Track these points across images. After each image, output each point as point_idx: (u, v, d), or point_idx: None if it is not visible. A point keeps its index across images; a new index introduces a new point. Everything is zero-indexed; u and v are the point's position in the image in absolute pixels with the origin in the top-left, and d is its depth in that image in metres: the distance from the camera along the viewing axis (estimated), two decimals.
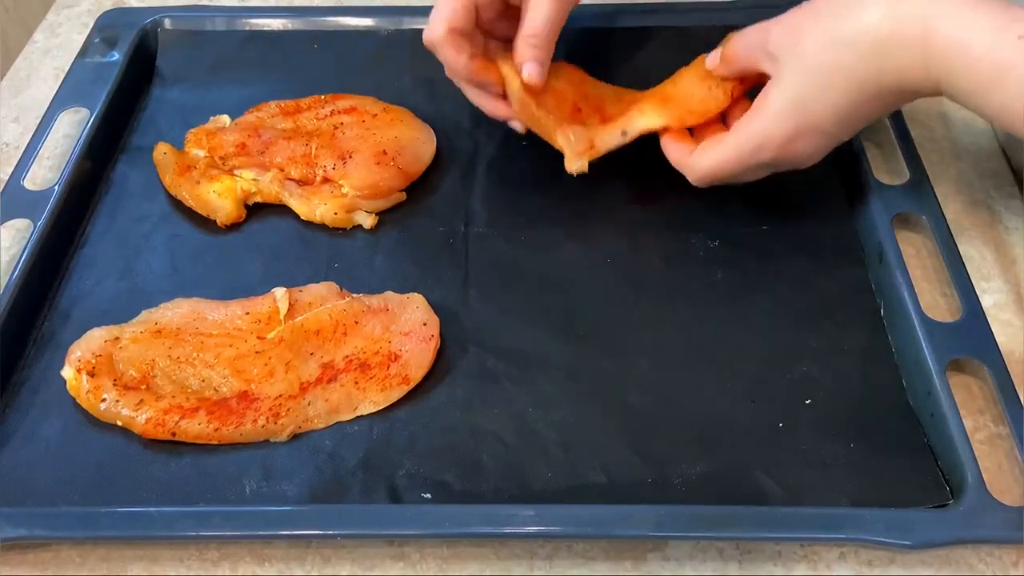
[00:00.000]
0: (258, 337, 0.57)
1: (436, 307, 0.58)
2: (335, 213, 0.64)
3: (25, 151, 0.66)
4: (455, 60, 0.60)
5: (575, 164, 0.62)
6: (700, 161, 0.59)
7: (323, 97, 0.70)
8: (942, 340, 0.54)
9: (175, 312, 0.58)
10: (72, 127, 0.71)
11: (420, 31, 0.76)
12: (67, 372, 0.55)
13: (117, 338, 0.56)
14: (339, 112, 0.69)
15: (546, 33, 0.60)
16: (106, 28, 0.75)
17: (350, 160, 0.65)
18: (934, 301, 0.59)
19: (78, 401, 0.54)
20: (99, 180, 0.68)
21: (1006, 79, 0.48)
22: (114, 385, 0.54)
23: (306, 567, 0.49)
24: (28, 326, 0.59)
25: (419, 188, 0.66)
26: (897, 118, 0.67)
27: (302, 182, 0.65)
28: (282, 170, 0.65)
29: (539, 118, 0.62)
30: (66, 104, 0.70)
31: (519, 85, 0.61)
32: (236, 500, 0.50)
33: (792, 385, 0.54)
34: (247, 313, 0.58)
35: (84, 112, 0.69)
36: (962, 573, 0.48)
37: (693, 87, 0.62)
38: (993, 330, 0.54)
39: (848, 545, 0.49)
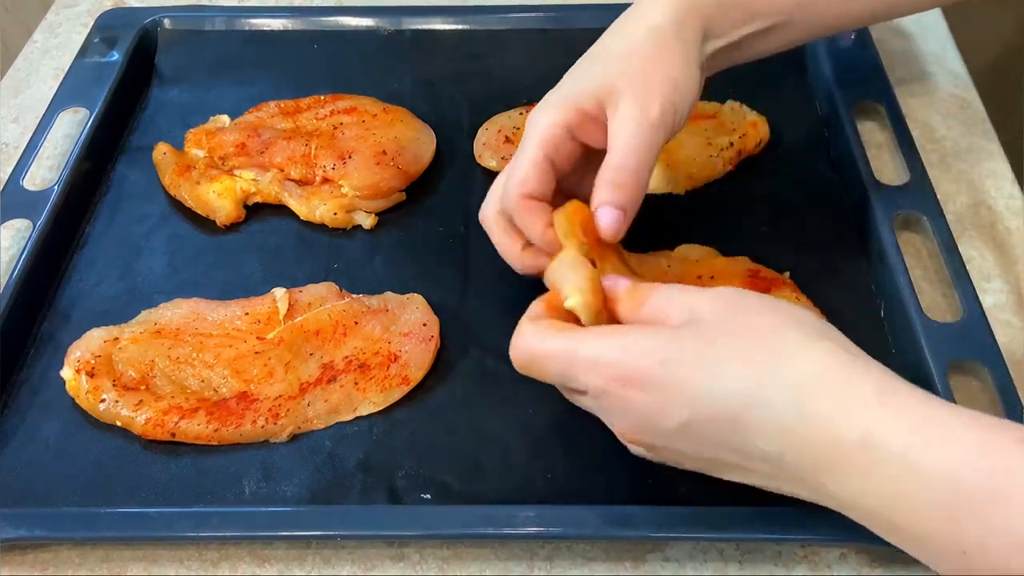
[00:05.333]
0: (258, 337, 0.57)
1: (436, 307, 0.58)
2: (335, 213, 0.64)
3: (24, 151, 0.66)
4: (531, 229, 0.50)
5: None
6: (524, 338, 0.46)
7: (323, 97, 0.70)
8: (943, 341, 0.54)
9: (175, 312, 0.58)
10: (72, 127, 0.71)
11: (420, 31, 0.77)
12: (66, 372, 0.55)
13: (116, 338, 0.56)
14: (339, 112, 0.69)
15: (634, 164, 0.48)
16: (106, 28, 0.75)
17: (350, 160, 0.65)
18: (935, 302, 0.59)
19: (77, 401, 0.54)
20: (99, 180, 0.68)
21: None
22: (113, 386, 0.54)
23: (306, 567, 0.49)
24: (27, 326, 0.58)
25: (419, 188, 0.66)
26: (897, 118, 0.67)
27: (302, 182, 0.65)
28: (282, 170, 0.65)
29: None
30: (65, 104, 0.70)
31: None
32: (235, 501, 0.50)
33: None
34: (247, 313, 0.58)
35: (84, 112, 0.69)
36: None
37: (695, 152, 0.62)
38: (993, 331, 0.54)
39: (849, 546, 0.49)
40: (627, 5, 0.77)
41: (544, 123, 0.50)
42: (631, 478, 0.51)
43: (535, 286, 0.59)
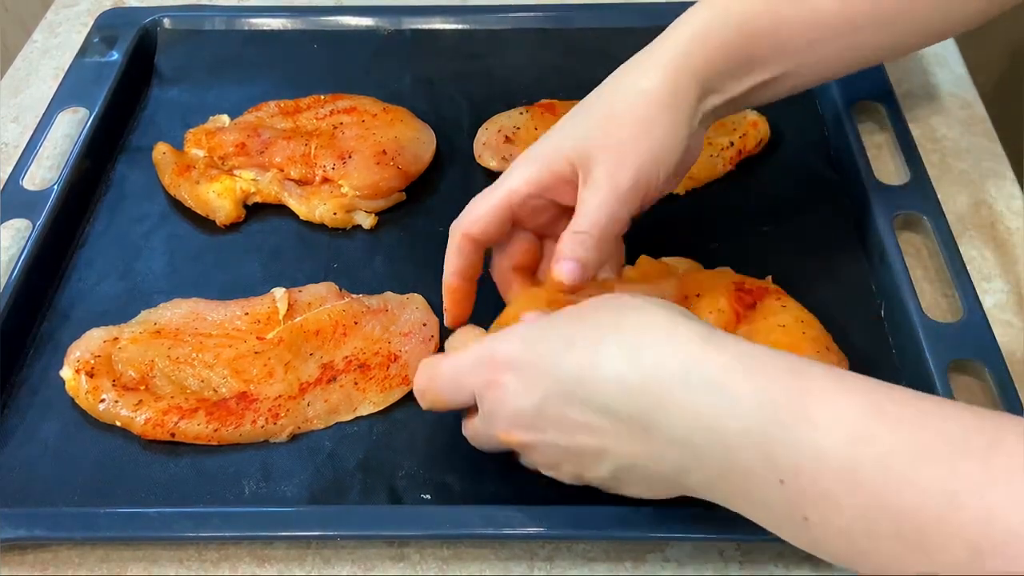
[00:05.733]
0: (257, 337, 0.57)
1: (436, 308, 0.58)
2: (335, 213, 0.64)
3: (24, 151, 0.66)
4: (446, 262, 0.53)
5: None
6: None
7: (322, 97, 0.70)
8: (943, 341, 0.54)
9: (174, 312, 0.58)
10: (71, 127, 0.71)
11: (420, 31, 0.77)
12: (66, 372, 0.55)
13: (116, 338, 0.56)
14: (338, 112, 0.69)
15: (598, 232, 0.49)
16: (105, 28, 0.75)
17: (350, 160, 0.65)
18: (935, 302, 0.59)
19: (77, 401, 0.54)
20: (98, 180, 0.68)
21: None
22: (113, 385, 0.54)
23: (306, 568, 0.49)
24: (27, 326, 0.58)
25: (419, 188, 0.66)
26: (897, 118, 0.67)
27: (301, 182, 0.65)
28: (281, 170, 0.65)
29: None
30: (65, 104, 0.69)
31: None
32: (235, 501, 0.50)
33: None
34: (246, 313, 0.58)
35: (83, 112, 0.69)
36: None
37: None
38: (994, 330, 0.54)
39: None
40: (628, 5, 0.78)
41: (516, 178, 0.51)
42: None
43: None
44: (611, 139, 0.50)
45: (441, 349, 0.56)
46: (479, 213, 0.51)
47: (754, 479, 0.39)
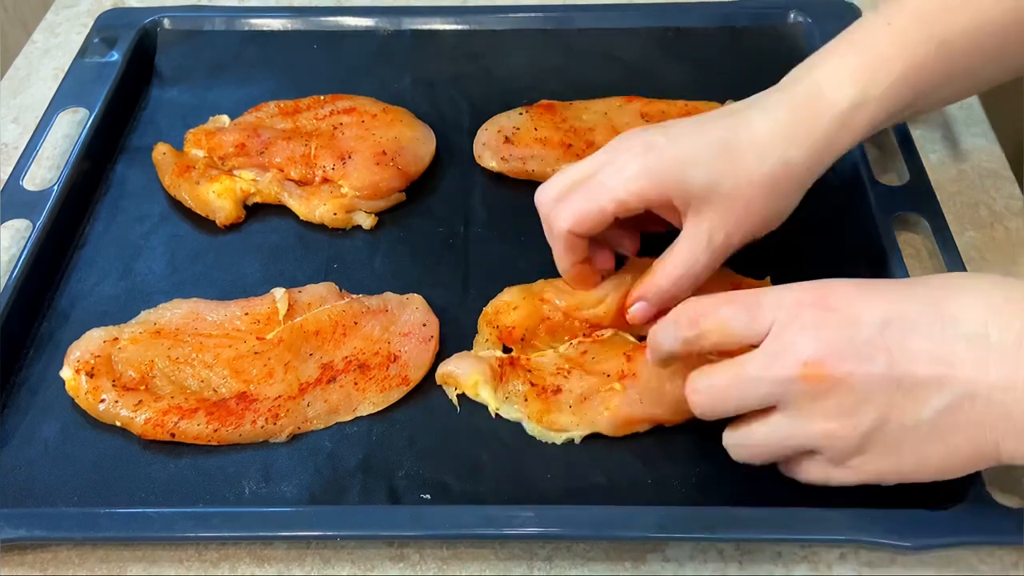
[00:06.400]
0: (257, 338, 0.57)
1: (436, 308, 0.58)
2: (334, 213, 0.64)
3: (24, 151, 0.66)
4: (561, 260, 0.53)
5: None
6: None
7: (322, 97, 0.70)
8: None
9: (174, 313, 0.58)
10: (71, 127, 0.71)
11: (420, 32, 0.77)
12: (66, 373, 0.55)
13: (116, 339, 0.56)
14: (338, 112, 0.69)
15: (687, 286, 0.51)
16: (105, 28, 0.75)
17: (349, 160, 0.65)
18: None
19: (77, 402, 0.54)
20: (98, 180, 0.68)
21: None
22: (113, 386, 0.54)
23: (305, 568, 0.49)
24: (27, 326, 0.58)
25: (419, 188, 0.66)
26: None
27: (301, 182, 0.65)
28: (281, 170, 0.65)
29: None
30: (65, 104, 0.69)
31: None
32: (235, 501, 0.50)
33: None
34: (246, 314, 0.58)
35: (83, 112, 0.69)
36: (963, 574, 0.48)
37: None
38: None
39: (848, 546, 0.49)
40: (628, 5, 0.78)
41: (633, 189, 0.50)
42: (631, 479, 0.51)
43: None
44: (740, 201, 0.49)
45: (441, 349, 0.56)
46: (585, 215, 0.50)
47: None
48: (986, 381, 0.41)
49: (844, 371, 0.42)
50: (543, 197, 0.53)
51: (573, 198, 0.51)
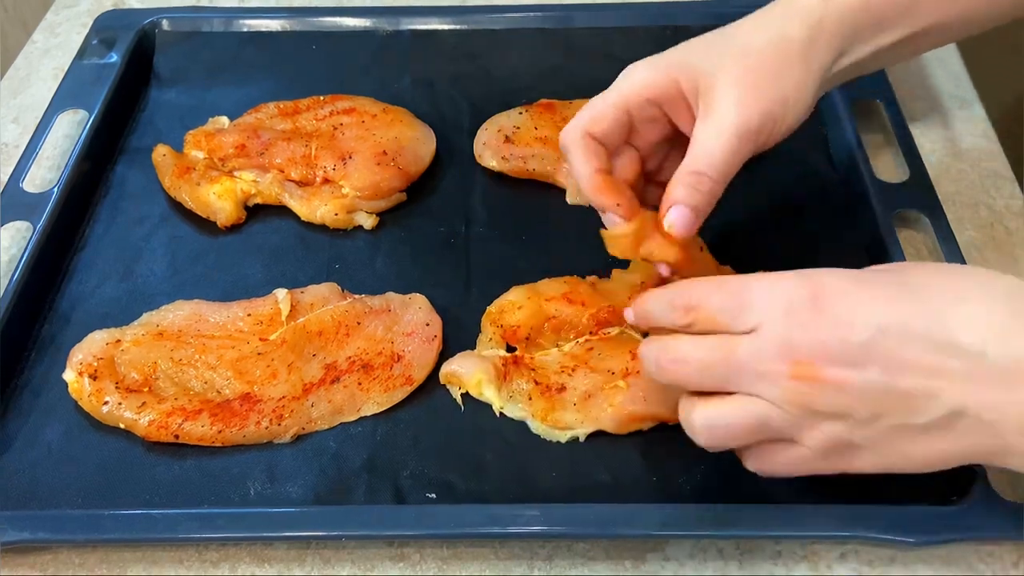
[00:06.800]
0: (260, 339, 0.57)
1: (438, 307, 0.58)
2: (336, 214, 0.64)
3: (24, 153, 0.66)
4: (581, 166, 0.49)
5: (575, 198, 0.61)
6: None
7: (322, 98, 0.70)
8: None
9: (176, 314, 0.58)
10: (71, 128, 0.71)
11: (419, 32, 0.77)
12: (69, 375, 0.55)
13: (118, 340, 0.56)
14: (338, 113, 0.69)
15: (716, 174, 0.48)
16: (104, 29, 0.75)
17: (350, 161, 0.65)
18: None
19: (80, 404, 0.54)
20: (98, 182, 0.67)
21: None
22: (116, 388, 0.54)
23: (306, 568, 0.49)
24: (28, 329, 0.58)
25: (419, 188, 0.66)
26: (897, 118, 0.67)
27: (302, 183, 0.65)
28: (282, 171, 0.65)
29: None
30: (64, 106, 0.69)
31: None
32: (240, 502, 0.50)
33: None
34: (249, 315, 0.58)
35: (83, 113, 0.69)
36: (963, 573, 0.48)
37: None
38: None
39: (850, 543, 0.49)
40: (628, 5, 0.78)
41: (638, 78, 0.49)
42: (635, 477, 0.51)
43: None
44: (746, 71, 0.48)
45: (444, 349, 0.56)
46: (600, 111, 0.49)
47: None
48: (976, 400, 0.40)
49: (834, 376, 0.41)
50: (569, 130, 0.51)
51: (586, 106, 0.50)
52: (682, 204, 0.47)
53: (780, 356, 0.41)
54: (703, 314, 0.43)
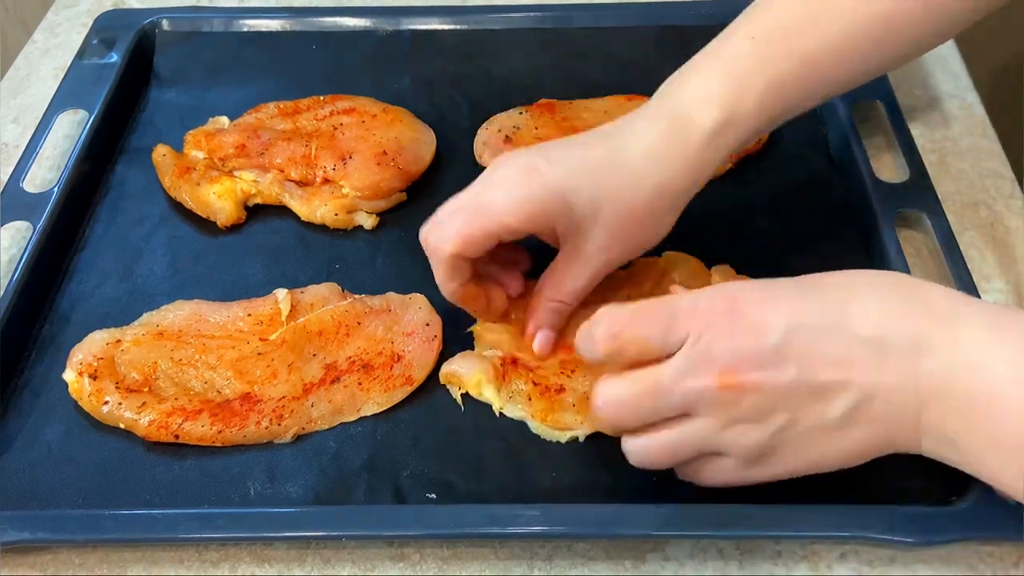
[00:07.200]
0: (260, 339, 0.57)
1: (438, 307, 0.58)
2: (336, 214, 0.64)
3: (24, 153, 0.66)
4: (445, 281, 0.52)
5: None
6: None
7: (322, 98, 0.70)
8: None
9: (176, 314, 0.58)
10: (71, 128, 0.71)
11: (419, 32, 0.77)
12: (69, 375, 0.55)
13: (119, 340, 0.56)
14: (338, 113, 0.69)
15: (576, 301, 0.53)
16: (104, 29, 0.75)
17: (350, 161, 0.65)
18: None
19: (80, 404, 0.54)
20: (98, 182, 0.67)
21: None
22: (116, 388, 0.54)
23: (306, 568, 0.49)
24: (28, 329, 0.58)
25: (419, 188, 0.66)
26: (897, 118, 0.67)
27: (302, 183, 0.65)
28: (282, 171, 0.65)
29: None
30: (64, 106, 0.69)
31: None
32: (241, 502, 0.50)
33: None
34: (249, 315, 0.58)
35: (83, 113, 0.69)
36: (963, 573, 0.48)
37: None
38: None
39: (850, 543, 0.49)
40: (627, 5, 0.78)
41: (513, 213, 0.49)
42: (636, 477, 0.51)
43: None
44: (619, 224, 0.51)
45: (444, 349, 0.56)
46: (473, 236, 0.50)
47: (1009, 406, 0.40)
48: (882, 383, 0.43)
49: (757, 379, 0.43)
50: (424, 229, 0.52)
51: (456, 220, 0.50)
52: (546, 328, 0.54)
53: (705, 370, 0.43)
54: (629, 338, 0.45)
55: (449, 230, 0.50)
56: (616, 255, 0.52)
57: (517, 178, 0.50)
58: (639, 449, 0.47)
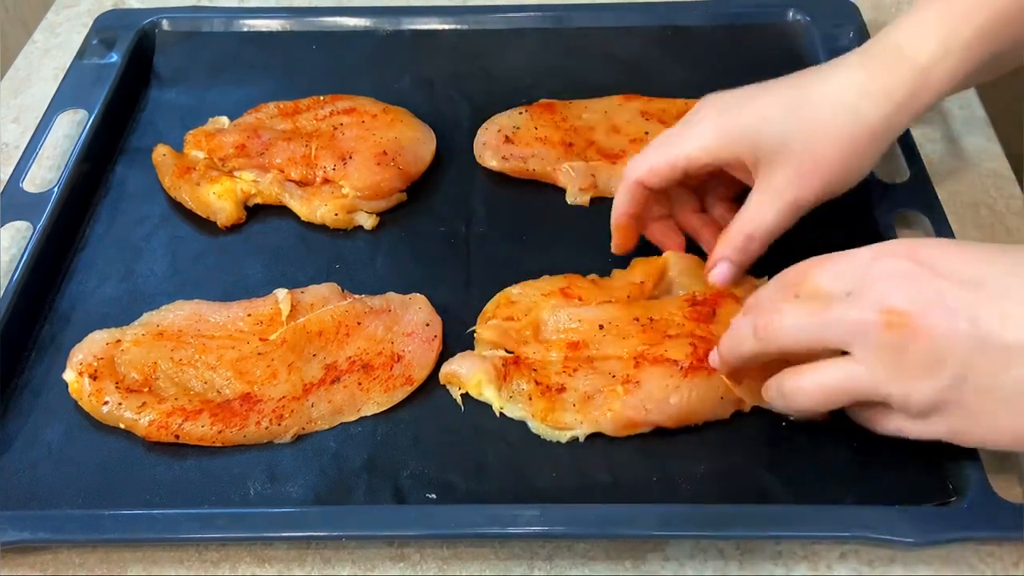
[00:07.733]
0: (260, 339, 0.57)
1: (438, 307, 0.58)
2: (336, 214, 0.64)
3: (24, 153, 0.66)
4: (619, 204, 0.56)
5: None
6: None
7: (322, 98, 0.70)
8: None
9: (176, 314, 0.58)
10: (71, 128, 0.71)
11: (419, 31, 0.77)
12: (69, 375, 0.55)
13: (119, 341, 0.56)
14: (338, 113, 0.69)
15: (765, 238, 0.52)
16: (104, 29, 0.75)
17: (350, 161, 0.65)
18: None
19: (80, 404, 0.54)
20: (98, 182, 0.67)
21: None
22: (116, 388, 0.54)
23: (306, 568, 0.49)
24: (28, 329, 0.58)
25: (420, 188, 0.66)
26: None
27: (302, 183, 0.65)
28: (282, 171, 0.65)
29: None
30: (64, 106, 0.69)
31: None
32: (241, 502, 0.50)
33: None
34: (249, 315, 0.58)
35: (83, 113, 0.69)
36: (963, 573, 0.48)
37: None
38: None
39: (851, 543, 0.49)
40: (628, 5, 0.78)
41: (700, 145, 0.52)
42: (636, 477, 0.51)
43: None
44: (812, 159, 0.50)
45: (444, 349, 0.56)
46: (658, 165, 0.52)
47: None
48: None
49: (927, 323, 0.41)
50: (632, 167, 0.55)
51: (649, 151, 0.53)
52: (728, 261, 0.53)
53: (873, 307, 0.42)
54: (808, 287, 0.45)
55: (641, 160, 0.54)
56: (806, 193, 0.51)
57: (710, 115, 0.52)
58: (794, 387, 0.46)
